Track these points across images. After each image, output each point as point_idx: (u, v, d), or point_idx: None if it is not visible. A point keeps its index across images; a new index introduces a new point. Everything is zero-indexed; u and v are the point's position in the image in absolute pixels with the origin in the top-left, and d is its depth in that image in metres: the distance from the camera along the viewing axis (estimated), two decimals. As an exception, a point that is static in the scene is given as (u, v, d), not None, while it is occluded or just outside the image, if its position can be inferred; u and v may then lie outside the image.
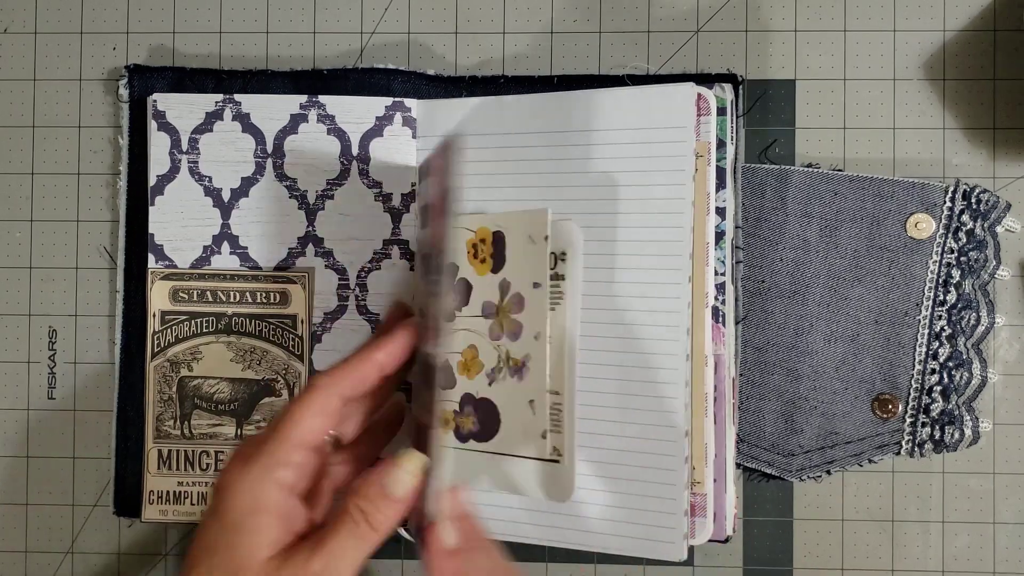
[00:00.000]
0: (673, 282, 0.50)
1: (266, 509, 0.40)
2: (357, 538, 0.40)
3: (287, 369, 0.55)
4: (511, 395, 0.50)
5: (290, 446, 0.41)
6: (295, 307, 0.55)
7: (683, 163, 0.50)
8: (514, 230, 0.50)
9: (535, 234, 0.49)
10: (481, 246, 0.51)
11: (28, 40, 0.59)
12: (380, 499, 0.41)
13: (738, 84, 0.54)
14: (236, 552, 0.39)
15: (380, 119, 0.55)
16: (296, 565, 0.39)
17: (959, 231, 0.54)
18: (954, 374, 0.54)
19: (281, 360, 0.55)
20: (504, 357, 0.50)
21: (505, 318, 0.50)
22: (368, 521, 0.41)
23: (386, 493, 0.41)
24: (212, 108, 0.55)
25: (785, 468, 0.55)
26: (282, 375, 0.55)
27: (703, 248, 0.52)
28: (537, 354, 0.49)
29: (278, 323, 0.55)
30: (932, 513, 0.56)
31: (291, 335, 0.55)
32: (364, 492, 0.41)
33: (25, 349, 0.58)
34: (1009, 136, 0.56)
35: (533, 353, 0.49)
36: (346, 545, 0.40)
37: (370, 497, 0.41)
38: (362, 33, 0.58)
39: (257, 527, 0.40)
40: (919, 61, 0.56)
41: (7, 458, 0.58)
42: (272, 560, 0.39)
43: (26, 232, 0.58)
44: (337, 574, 0.39)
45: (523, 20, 0.57)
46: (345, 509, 0.41)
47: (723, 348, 0.53)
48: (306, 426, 0.41)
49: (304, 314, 0.55)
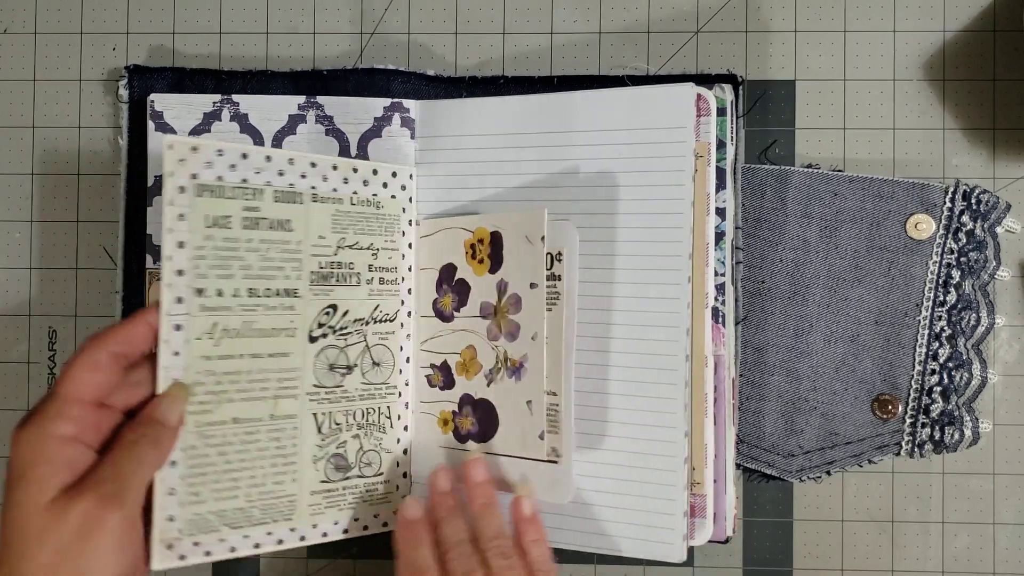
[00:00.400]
0: (672, 282, 0.50)
1: (45, 460, 0.43)
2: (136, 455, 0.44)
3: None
4: (509, 396, 0.50)
5: (62, 401, 0.43)
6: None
7: (683, 163, 0.50)
8: (511, 230, 0.50)
9: (532, 234, 0.49)
10: (479, 246, 0.51)
11: (28, 40, 0.59)
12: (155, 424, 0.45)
13: (738, 84, 0.54)
14: (20, 502, 0.42)
15: (379, 120, 0.55)
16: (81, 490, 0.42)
17: (959, 232, 0.54)
18: (954, 375, 0.54)
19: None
20: (502, 358, 0.50)
21: (503, 319, 0.50)
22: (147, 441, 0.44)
23: (158, 419, 0.45)
24: (210, 109, 0.55)
25: (785, 469, 0.55)
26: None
27: (703, 249, 0.52)
28: (534, 354, 0.49)
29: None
30: (932, 514, 0.56)
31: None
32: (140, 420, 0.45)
33: (25, 349, 0.58)
34: (1009, 136, 0.56)
35: (531, 353, 0.49)
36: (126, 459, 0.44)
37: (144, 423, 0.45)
38: (362, 33, 0.58)
39: (36, 477, 0.42)
40: (919, 61, 0.56)
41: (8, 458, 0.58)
42: (56, 501, 0.42)
43: (26, 232, 0.58)
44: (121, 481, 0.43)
45: (523, 20, 0.57)
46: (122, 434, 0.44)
47: (723, 349, 0.53)
48: (77, 380, 0.44)
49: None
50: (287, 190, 0.50)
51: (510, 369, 0.50)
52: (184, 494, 0.47)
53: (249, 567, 0.57)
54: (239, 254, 0.49)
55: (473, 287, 0.51)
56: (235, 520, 0.49)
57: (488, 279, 0.50)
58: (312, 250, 0.51)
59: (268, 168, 0.50)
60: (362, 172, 0.53)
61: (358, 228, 0.53)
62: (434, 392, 0.52)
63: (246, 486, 0.49)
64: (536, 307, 0.49)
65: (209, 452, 0.48)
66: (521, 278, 0.50)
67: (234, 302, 0.48)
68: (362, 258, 0.53)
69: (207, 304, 0.48)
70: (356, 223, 0.53)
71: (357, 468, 0.53)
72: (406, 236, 0.54)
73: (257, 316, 0.49)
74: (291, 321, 0.50)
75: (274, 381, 0.50)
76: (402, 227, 0.54)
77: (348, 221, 0.52)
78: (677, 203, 0.50)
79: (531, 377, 0.49)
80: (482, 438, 0.51)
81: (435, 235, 0.52)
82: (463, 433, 0.52)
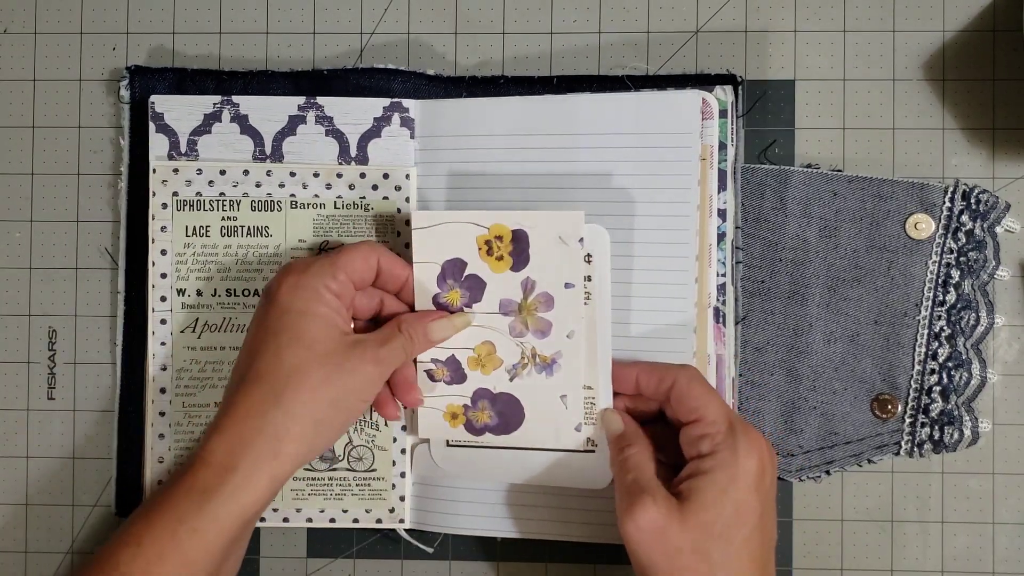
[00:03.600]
0: (679, 283, 0.52)
1: (326, 303, 0.48)
2: (404, 348, 0.49)
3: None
4: (538, 390, 0.51)
5: (336, 268, 0.48)
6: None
7: (689, 168, 0.51)
8: (540, 229, 0.50)
9: (567, 235, 0.50)
10: (497, 243, 0.51)
11: (28, 40, 0.59)
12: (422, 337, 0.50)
13: (738, 85, 0.54)
14: (308, 329, 0.47)
15: (378, 120, 0.55)
16: (365, 347, 0.48)
17: (958, 231, 0.54)
18: (953, 374, 0.54)
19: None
20: (529, 354, 0.51)
21: (530, 316, 0.51)
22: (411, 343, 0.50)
23: (428, 335, 0.50)
24: (210, 110, 0.55)
25: (784, 468, 0.55)
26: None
27: (706, 249, 0.52)
28: (570, 351, 0.51)
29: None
30: (931, 513, 0.56)
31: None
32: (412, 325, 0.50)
33: (25, 349, 0.58)
34: (1009, 136, 0.56)
35: (565, 351, 0.51)
36: (397, 347, 0.49)
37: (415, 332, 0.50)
38: (362, 33, 0.58)
39: (321, 314, 0.47)
40: (919, 61, 0.56)
41: (7, 458, 0.58)
42: (346, 336, 0.48)
43: (26, 232, 0.58)
44: (389, 364, 0.49)
45: (523, 20, 0.57)
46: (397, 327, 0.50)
47: (723, 348, 0.53)
48: (351, 258, 0.49)
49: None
50: (265, 199, 0.54)
51: (539, 365, 0.51)
52: (171, 463, 0.54)
53: (249, 567, 0.57)
54: (217, 259, 0.55)
55: (490, 284, 0.51)
56: None
57: (510, 276, 0.51)
58: (292, 253, 0.54)
59: (246, 181, 0.55)
60: (347, 176, 0.54)
61: (343, 231, 0.54)
62: (438, 386, 0.53)
63: None
64: (573, 306, 0.50)
65: (194, 430, 0.54)
66: (554, 278, 0.50)
67: (213, 301, 0.54)
68: None
69: (187, 303, 0.54)
70: (340, 226, 0.54)
71: (345, 461, 0.54)
72: (402, 236, 0.54)
73: (236, 313, 0.54)
74: None
75: None
76: (397, 227, 0.54)
77: (331, 225, 0.54)
78: (683, 206, 0.52)
79: (567, 372, 0.51)
80: (504, 430, 0.52)
81: (434, 228, 0.52)
82: (479, 426, 0.52)
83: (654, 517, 0.45)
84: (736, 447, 0.46)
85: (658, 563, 0.45)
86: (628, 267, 0.52)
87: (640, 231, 0.52)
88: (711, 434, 0.47)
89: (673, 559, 0.45)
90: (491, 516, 0.54)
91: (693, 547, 0.45)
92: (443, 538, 0.56)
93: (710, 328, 0.52)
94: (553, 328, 0.51)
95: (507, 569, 0.56)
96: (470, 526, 0.54)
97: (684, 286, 0.52)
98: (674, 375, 0.49)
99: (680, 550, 0.45)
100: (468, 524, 0.54)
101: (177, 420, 0.54)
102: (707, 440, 0.47)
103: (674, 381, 0.49)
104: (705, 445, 0.47)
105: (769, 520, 0.47)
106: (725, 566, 0.45)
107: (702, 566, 0.45)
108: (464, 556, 0.56)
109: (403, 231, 0.55)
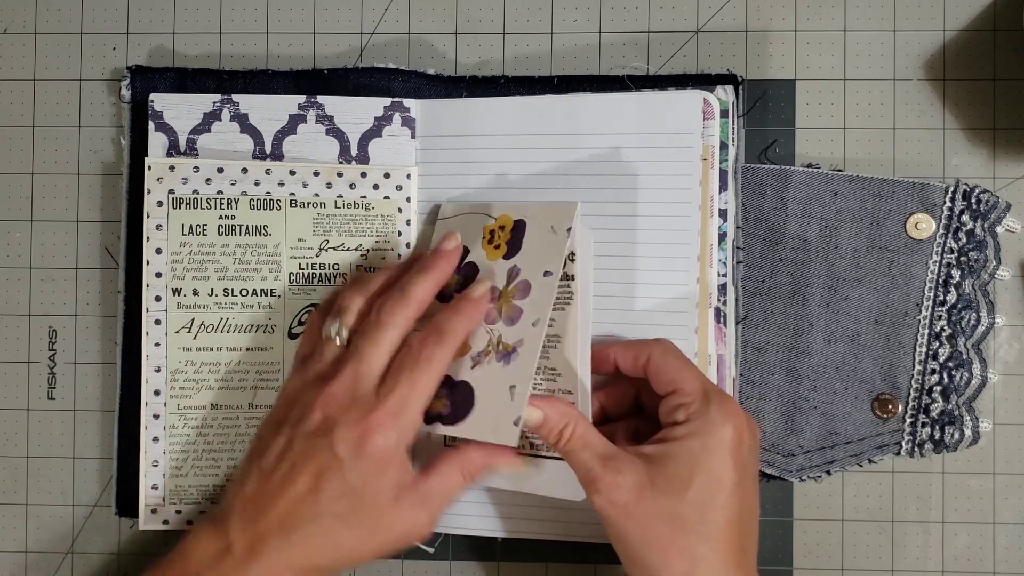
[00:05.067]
0: (681, 283, 0.52)
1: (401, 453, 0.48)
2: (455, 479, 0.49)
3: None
4: (492, 379, 0.49)
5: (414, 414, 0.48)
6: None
7: (690, 168, 0.51)
8: (537, 220, 0.50)
9: (558, 225, 0.49)
10: (499, 232, 0.51)
11: (28, 40, 0.59)
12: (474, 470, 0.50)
13: (738, 84, 0.54)
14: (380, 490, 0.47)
15: (379, 119, 0.55)
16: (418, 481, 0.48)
17: (959, 231, 0.54)
18: (954, 374, 0.54)
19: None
20: (495, 341, 0.49)
21: (506, 303, 0.50)
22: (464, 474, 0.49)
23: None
24: (210, 108, 0.55)
25: (785, 468, 0.55)
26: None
27: (707, 250, 0.52)
28: (531, 341, 0.48)
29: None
30: (932, 513, 0.56)
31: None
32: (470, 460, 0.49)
33: (25, 349, 0.58)
34: (1009, 136, 0.56)
35: (527, 339, 0.48)
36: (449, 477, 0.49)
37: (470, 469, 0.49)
38: (362, 33, 0.58)
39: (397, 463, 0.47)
40: (919, 61, 0.56)
41: (7, 458, 0.58)
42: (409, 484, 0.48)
43: (26, 232, 0.58)
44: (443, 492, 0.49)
45: (523, 20, 0.57)
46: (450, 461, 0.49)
47: (724, 348, 0.53)
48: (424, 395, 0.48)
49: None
50: (264, 198, 0.54)
51: (500, 353, 0.49)
52: (166, 467, 0.54)
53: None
54: (215, 258, 0.54)
55: (482, 270, 0.51)
56: (216, 496, 0.54)
57: (501, 264, 0.51)
58: (292, 252, 0.54)
59: (244, 179, 0.54)
60: (348, 176, 0.54)
61: (343, 230, 0.54)
62: None
63: (226, 466, 0.54)
64: (545, 295, 0.49)
65: (189, 432, 0.54)
66: (537, 266, 0.49)
67: (210, 300, 0.54)
68: (349, 259, 0.54)
69: (183, 302, 0.54)
70: (341, 225, 0.54)
71: None
72: (403, 235, 0.54)
73: (234, 314, 0.54)
74: (269, 318, 0.54)
75: (253, 373, 0.54)
76: (398, 227, 0.54)
77: (331, 224, 0.54)
78: (684, 207, 0.52)
79: (522, 362, 0.48)
80: (452, 420, 0.49)
81: (453, 219, 0.52)
82: (431, 414, 0.49)
83: (629, 487, 0.45)
84: (710, 415, 0.46)
85: (632, 533, 0.45)
86: (630, 267, 0.52)
87: (641, 231, 0.52)
88: (686, 403, 0.46)
89: (647, 528, 0.45)
90: (491, 516, 0.54)
91: (667, 514, 0.44)
92: (443, 538, 0.56)
93: (711, 328, 0.52)
94: (522, 316, 0.49)
95: (507, 569, 0.56)
96: (470, 526, 0.54)
97: (685, 286, 0.52)
98: (649, 349, 0.48)
99: (655, 517, 0.44)
100: (468, 524, 0.54)
101: (172, 423, 0.54)
102: (682, 409, 0.46)
103: (649, 355, 0.48)
104: (680, 414, 0.46)
105: (749, 489, 0.46)
106: (701, 532, 0.44)
107: (677, 533, 0.44)
108: (464, 556, 0.56)
109: (404, 231, 0.55)
